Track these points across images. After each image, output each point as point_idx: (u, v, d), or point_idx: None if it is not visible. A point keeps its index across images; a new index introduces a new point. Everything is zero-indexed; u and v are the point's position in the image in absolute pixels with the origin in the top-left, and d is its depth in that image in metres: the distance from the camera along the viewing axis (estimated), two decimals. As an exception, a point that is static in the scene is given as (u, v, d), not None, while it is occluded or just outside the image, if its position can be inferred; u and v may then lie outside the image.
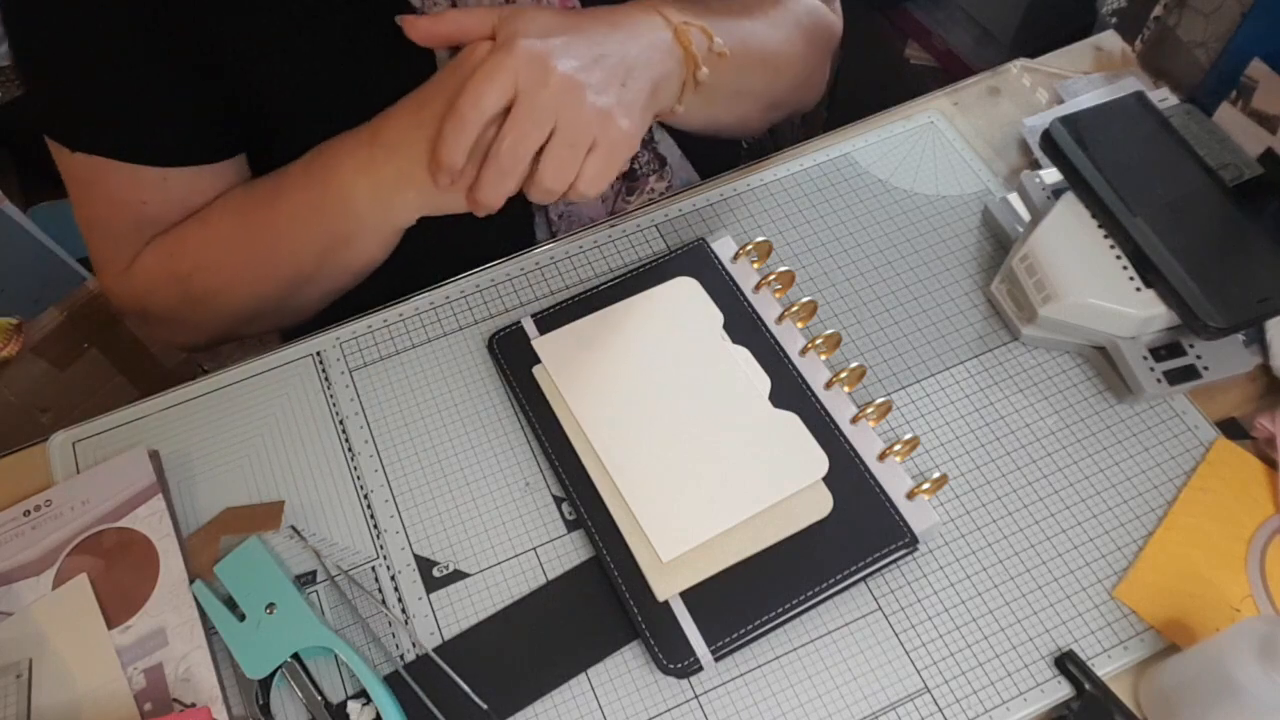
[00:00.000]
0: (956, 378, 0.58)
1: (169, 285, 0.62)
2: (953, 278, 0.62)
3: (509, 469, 0.56)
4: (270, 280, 0.61)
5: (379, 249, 0.60)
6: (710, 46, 0.59)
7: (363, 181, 0.55)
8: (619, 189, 0.71)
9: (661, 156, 0.72)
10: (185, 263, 0.61)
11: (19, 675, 0.49)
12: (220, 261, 0.61)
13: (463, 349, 0.60)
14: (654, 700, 0.49)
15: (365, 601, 0.52)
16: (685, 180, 0.74)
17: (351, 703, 0.49)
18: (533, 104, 0.50)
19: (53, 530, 0.53)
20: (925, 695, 0.48)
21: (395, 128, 0.55)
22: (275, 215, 0.59)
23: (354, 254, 0.60)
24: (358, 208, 0.56)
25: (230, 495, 0.56)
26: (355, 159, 0.56)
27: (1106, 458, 0.54)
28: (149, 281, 0.63)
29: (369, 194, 0.56)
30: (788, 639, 0.50)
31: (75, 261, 1.27)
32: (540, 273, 0.63)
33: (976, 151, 0.67)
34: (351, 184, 0.56)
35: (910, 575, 0.51)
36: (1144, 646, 0.49)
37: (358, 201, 0.56)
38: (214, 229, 0.61)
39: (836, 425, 0.54)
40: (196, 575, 0.52)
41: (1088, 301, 0.55)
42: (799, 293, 0.61)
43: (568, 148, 0.51)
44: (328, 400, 0.59)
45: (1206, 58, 0.66)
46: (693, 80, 0.58)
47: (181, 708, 0.48)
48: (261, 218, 0.60)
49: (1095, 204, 0.57)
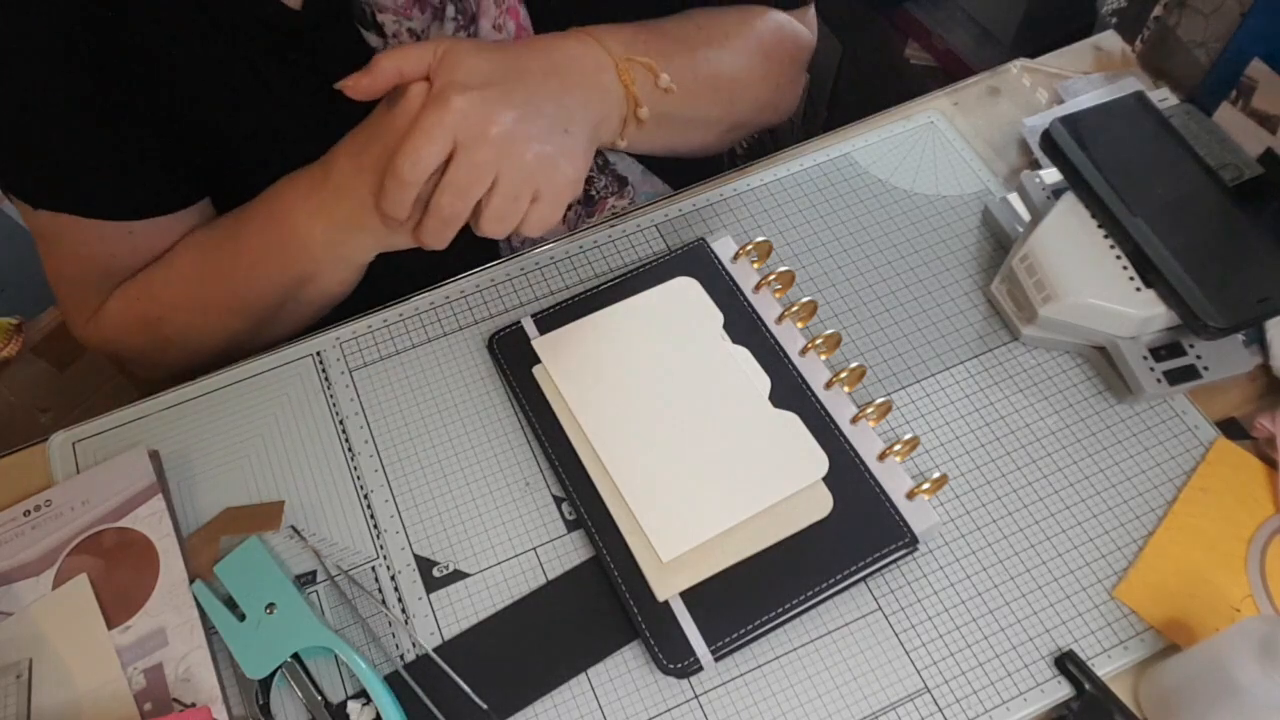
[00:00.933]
0: (956, 378, 0.58)
1: (138, 329, 0.63)
2: (953, 278, 0.62)
3: (509, 469, 0.56)
4: (236, 319, 0.61)
5: (340, 285, 0.60)
6: (655, 83, 0.58)
7: (317, 224, 0.55)
8: (579, 213, 0.70)
9: (621, 177, 0.71)
10: (153, 306, 0.62)
11: (19, 675, 0.49)
12: (187, 303, 0.61)
13: (463, 349, 0.60)
14: (654, 700, 0.49)
15: (365, 601, 0.52)
16: (650, 195, 0.73)
17: (351, 703, 0.49)
18: (472, 160, 0.49)
19: (53, 530, 0.53)
20: (925, 695, 0.48)
21: (340, 171, 0.54)
22: (237, 257, 0.59)
23: (317, 290, 0.60)
24: (314, 250, 0.56)
25: (230, 495, 0.56)
26: (309, 203, 0.55)
27: (1106, 458, 0.54)
28: (117, 327, 0.63)
29: (324, 236, 0.55)
30: (788, 639, 0.50)
31: (75, 261, 1.27)
32: (540, 273, 0.63)
33: (976, 151, 0.67)
34: (307, 227, 0.56)
35: (910, 575, 0.51)
36: (1144, 646, 0.49)
37: (314, 243, 0.56)
38: (178, 271, 0.61)
39: (836, 425, 0.54)
40: (196, 575, 0.52)
41: (1088, 301, 0.55)
42: (799, 293, 0.61)
43: (510, 200, 0.50)
44: (328, 400, 0.59)
45: (1206, 58, 0.66)
46: (634, 118, 0.57)
47: (181, 708, 0.48)
48: (223, 259, 0.60)
49: (1095, 204, 0.57)
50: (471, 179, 0.49)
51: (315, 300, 0.61)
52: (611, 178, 0.71)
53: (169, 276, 0.61)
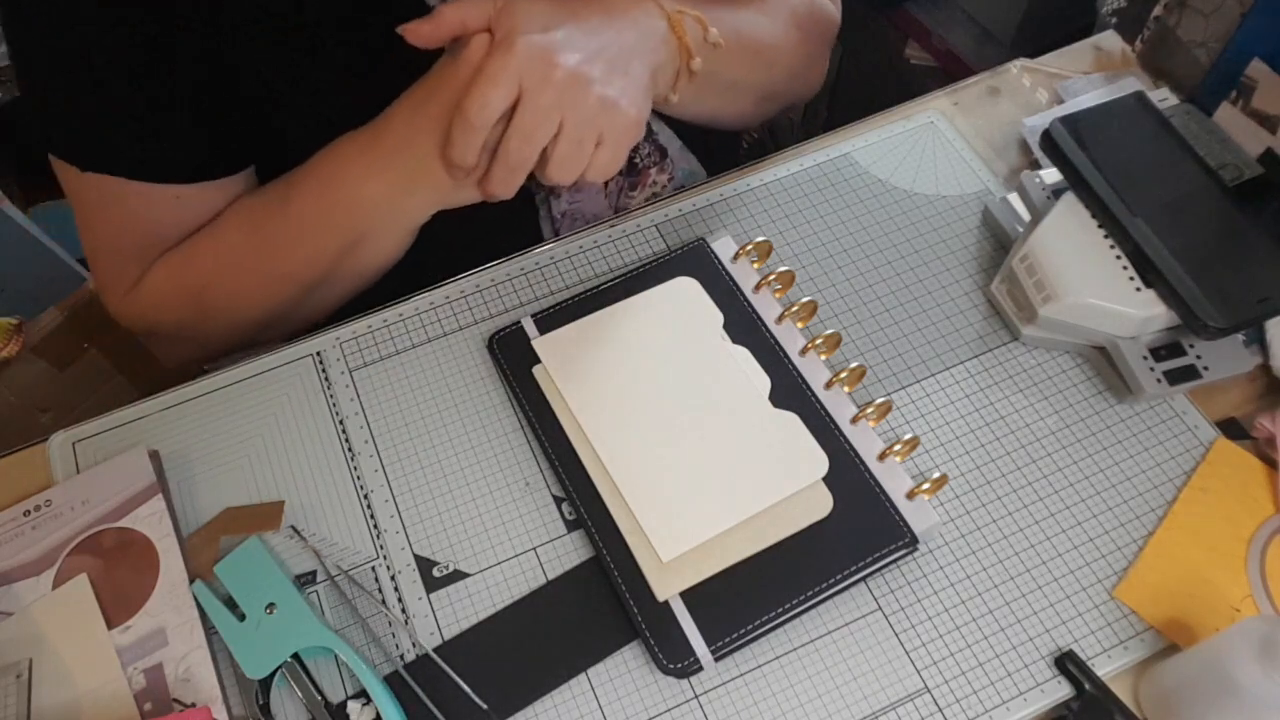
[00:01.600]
0: (956, 378, 0.58)
1: (180, 301, 0.62)
2: (953, 278, 0.62)
3: (509, 469, 0.56)
4: (285, 287, 0.61)
5: (394, 248, 0.60)
6: (705, 36, 0.58)
7: (375, 184, 0.55)
8: (621, 184, 0.71)
9: (662, 148, 0.72)
10: (197, 277, 0.61)
11: (19, 675, 0.49)
12: (233, 273, 0.61)
13: (463, 349, 0.60)
14: (654, 700, 0.49)
15: (365, 601, 0.52)
16: (687, 172, 0.74)
17: (351, 703, 0.49)
18: (537, 103, 0.50)
19: (53, 530, 0.53)
20: (925, 695, 0.48)
21: (399, 130, 0.55)
22: (287, 223, 0.59)
23: (370, 255, 0.60)
24: (371, 210, 0.56)
25: (230, 495, 0.56)
26: (366, 163, 0.56)
27: (1106, 458, 0.54)
28: (158, 299, 0.62)
29: (382, 195, 0.56)
30: (788, 639, 0.50)
31: (75, 261, 1.27)
32: (540, 273, 0.63)
33: (976, 151, 0.67)
34: (364, 187, 0.56)
35: (910, 575, 0.51)
36: (1144, 646, 0.49)
37: (371, 204, 0.56)
38: (224, 241, 0.61)
39: (836, 425, 0.54)
40: (196, 575, 0.52)
41: (1088, 301, 0.55)
42: (799, 293, 0.61)
43: (575, 143, 0.51)
44: (328, 400, 0.59)
45: (1206, 58, 0.66)
46: (687, 70, 0.58)
47: (181, 708, 0.48)
48: (274, 227, 0.59)
49: (1095, 204, 0.57)
50: (538, 122, 0.50)
51: (364, 268, 0.61)
52: (653, 147, 0.71)
53: (215, 245, 0.61)
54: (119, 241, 0.61)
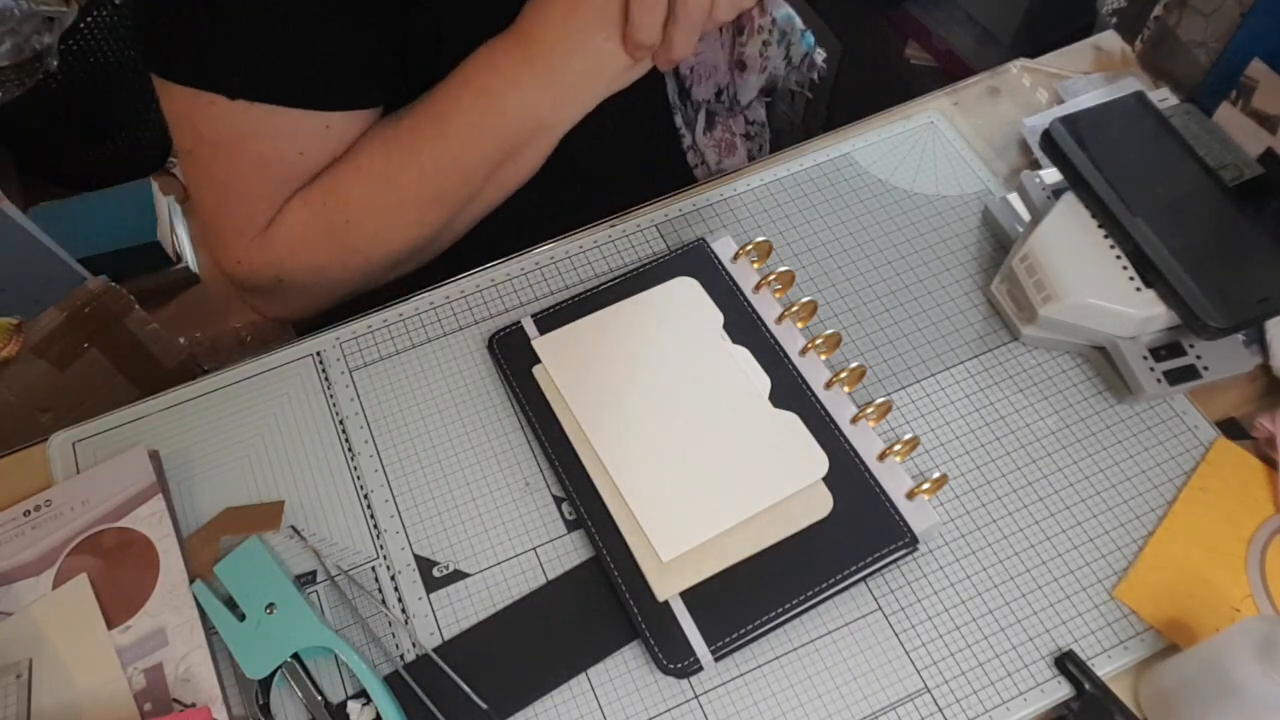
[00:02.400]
0: (956, 378, 0.58)
1: (323, 238, 0.60)
2: (953, 278, 0.62)
3: (509, 469, 0.56)
4: (435, 211, 0.60)
5: (544, 156, 0.61)
6: None
7: (540, 85, 0.56)
8: (732, 31, 0.73)
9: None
10: (342, 211, 0.59)
11: (19, 675, 0.49)
12: (382, 200, 0.59)
13: (463, 349, 0.60)
14: (654, 700, 0.49)
15: (365, 601, 0.52)
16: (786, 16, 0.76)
17: (351, 703, 0.49)
18: None
19: (53, 530, 0.53)
20: (925, 695, 0.48)
21: (558, 33, 0.55)
22: (446, 141, 0.58)
23: (523, 164, 0.60)
24: (539, 111, 0.57)
25: (230, 495, 0.56)
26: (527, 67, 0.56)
27: (1106, 458, 0.54)
28: (294, 242, 0.60)
29: (551, 94, 0.57)
30: (788, 639, 0.50)
31: (75, 261, 1.27)
32: (540, 273, 0.63)
33: (976, 151, 0.67)
34: (528, 90, 0.56)
35: (910, 575, 0.51)
36: (1144, 646, 0.49)
37: (539, 104, 0.57)
38: (371, 170, 0.59)
39: (836, 425, 0.54)
40: (196, 575, 0.52)
41: (1088, 301, 0.55)
42: (799, 293, 0.61)
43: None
44: (328, 400, 0.59)
45: (1206, 58, 0.66)
46: None
47: (181, 708, 0.48)
48: (423, 145, 0.58)
49: (1095, 204, 0.57)
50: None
51: (513, 182, 0.62)
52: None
53: (359, 175, 0.59)
54: (252, 182, 0.58)
